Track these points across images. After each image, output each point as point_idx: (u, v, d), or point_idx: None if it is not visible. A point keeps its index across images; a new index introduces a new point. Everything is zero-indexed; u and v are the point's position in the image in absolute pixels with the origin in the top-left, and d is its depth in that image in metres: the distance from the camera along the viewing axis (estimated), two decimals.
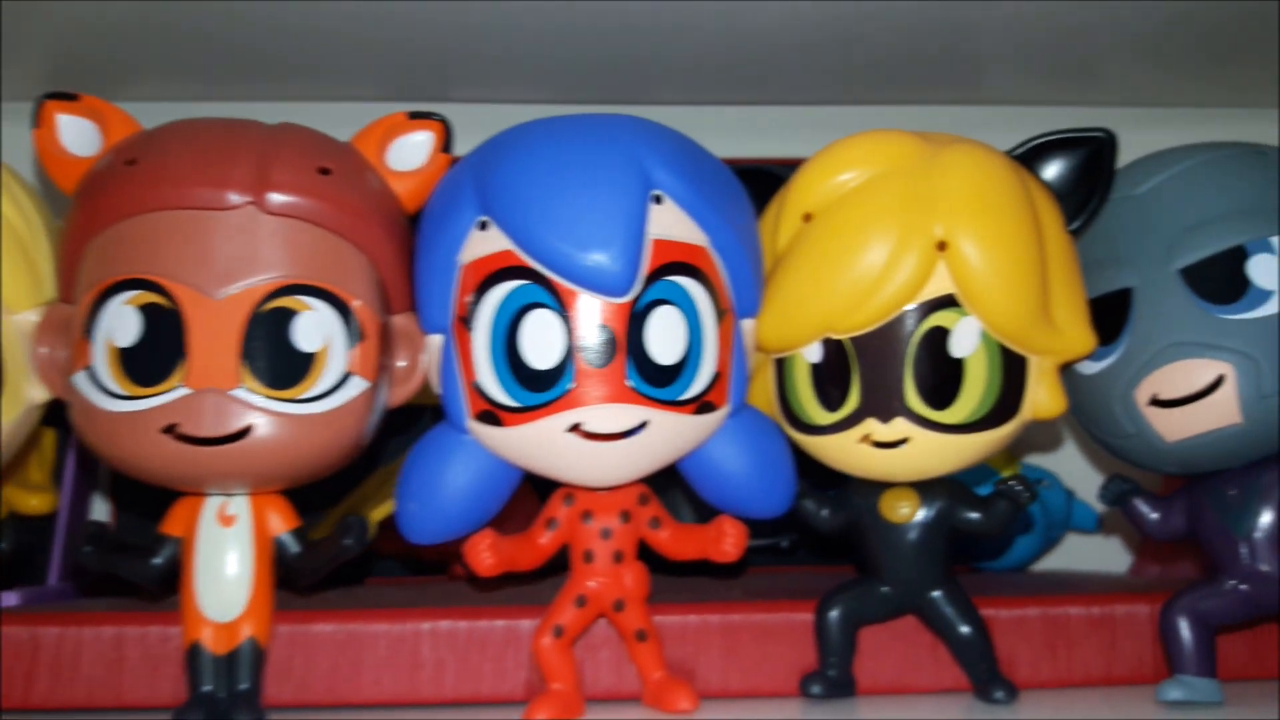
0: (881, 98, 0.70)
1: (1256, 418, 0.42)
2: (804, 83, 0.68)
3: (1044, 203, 0.44)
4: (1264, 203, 0.43)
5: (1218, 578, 0.44)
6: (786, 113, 0.72)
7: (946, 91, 0.72)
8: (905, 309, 0.42)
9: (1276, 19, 0.59)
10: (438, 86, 0.67)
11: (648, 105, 0.62)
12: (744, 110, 0.72)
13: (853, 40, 0.62)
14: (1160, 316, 0.44)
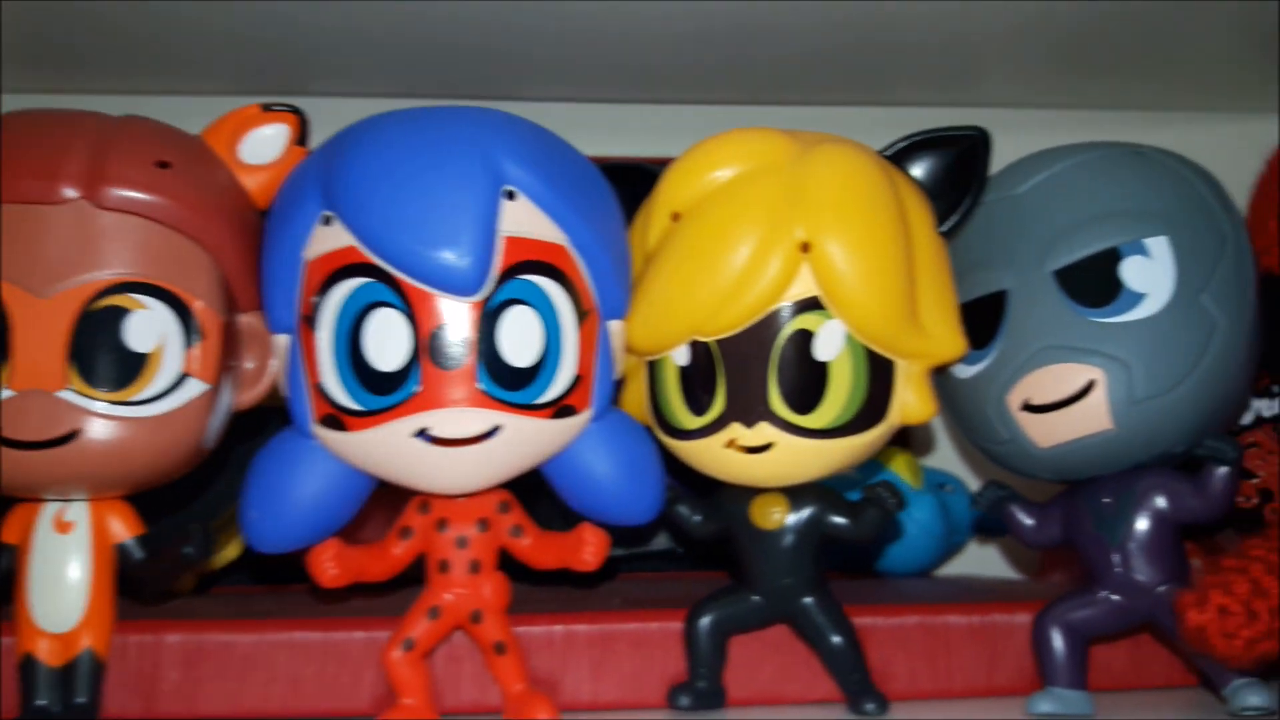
0: (785, 98, 0.69)
1: (1128, 424, 0.41)
2: (691, 81, 0.66)
3: (914, 203, 0.43)
4: (1140, 204, 0.42)
5: (1091, 587, 0.43)
6: (682, 112, 0.70)
7: (851, 93, 0.71)
8: (770, 311, 0.41)
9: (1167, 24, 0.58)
10: (297, 80, 0.65)
11: (526, 102, 0.60)
12: (639, 109, 0.70)
13: (757, 40, 0.61)
14: (1033, 320, 0.43)
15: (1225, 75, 0.64)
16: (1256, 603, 0.37)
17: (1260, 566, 0.38)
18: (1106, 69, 0.64)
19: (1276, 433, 0.49)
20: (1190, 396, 0.41)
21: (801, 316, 0.41)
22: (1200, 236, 0.42)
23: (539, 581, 0.46)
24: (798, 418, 0.41)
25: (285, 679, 0.43)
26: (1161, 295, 0.41)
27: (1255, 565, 0.38)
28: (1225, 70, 0.64)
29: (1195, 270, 0.41)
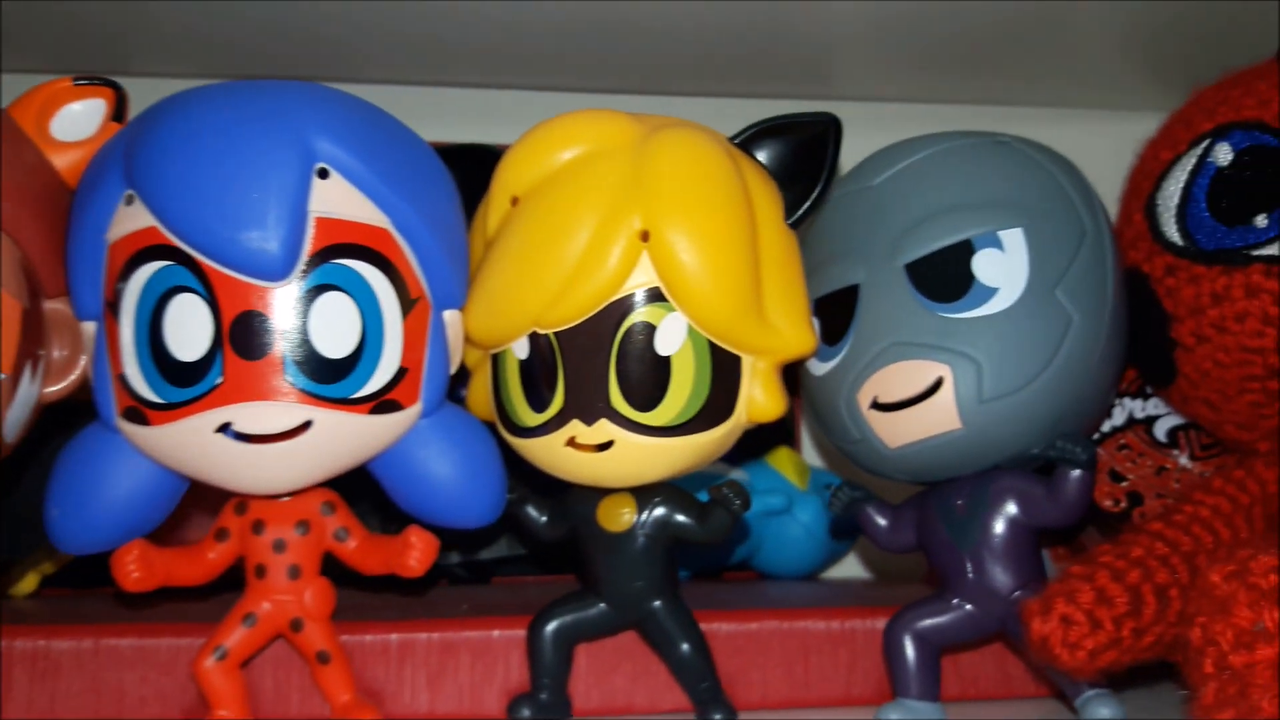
0: (646, 88, 0.66)
1: (977, 423, 0.39)
2: (557, 69, 0.64)
3: (762, 193, 0.41)
4: (995, 195, 0.41)
5: (944, 594, 0.41)
6: (549, 99, 0.67)
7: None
8: (610, 302, 0.39)
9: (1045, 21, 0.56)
10: (117, 59, 0.61)
11: (370, 85, 0.57)
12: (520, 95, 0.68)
13: (619, 32, 0.59)
14: (883, 315, 0.41)
15: (1103, 72, 0.63)
16: (1100, 611, 0.36)
17: (1106, 574, 0.36)
18: (981, 64, 0.63)
19: (1149, 435, 0.47)
20: (1043, 395, 0.39)
21: (643, 309, 0.39)
22: (1057, 229, 0.40)
23: None
24: (639, 415, 0.39)
25: (107, 687, 0.41)
26: (1014, 290, 0.39)
27: (1101, 572, 0.37)
28: (1103, 67, 0.62)
29: (1050, 264, 0.40)
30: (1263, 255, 0.39)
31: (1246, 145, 0.41)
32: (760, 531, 0.61)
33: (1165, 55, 0.59)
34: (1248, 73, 0.43)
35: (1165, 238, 0.42)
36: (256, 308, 0.36)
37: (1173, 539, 0.38)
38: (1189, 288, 0.41)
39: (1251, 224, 0.40)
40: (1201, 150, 0.42)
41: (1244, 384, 0.41)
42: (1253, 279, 0.39)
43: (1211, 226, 0.41)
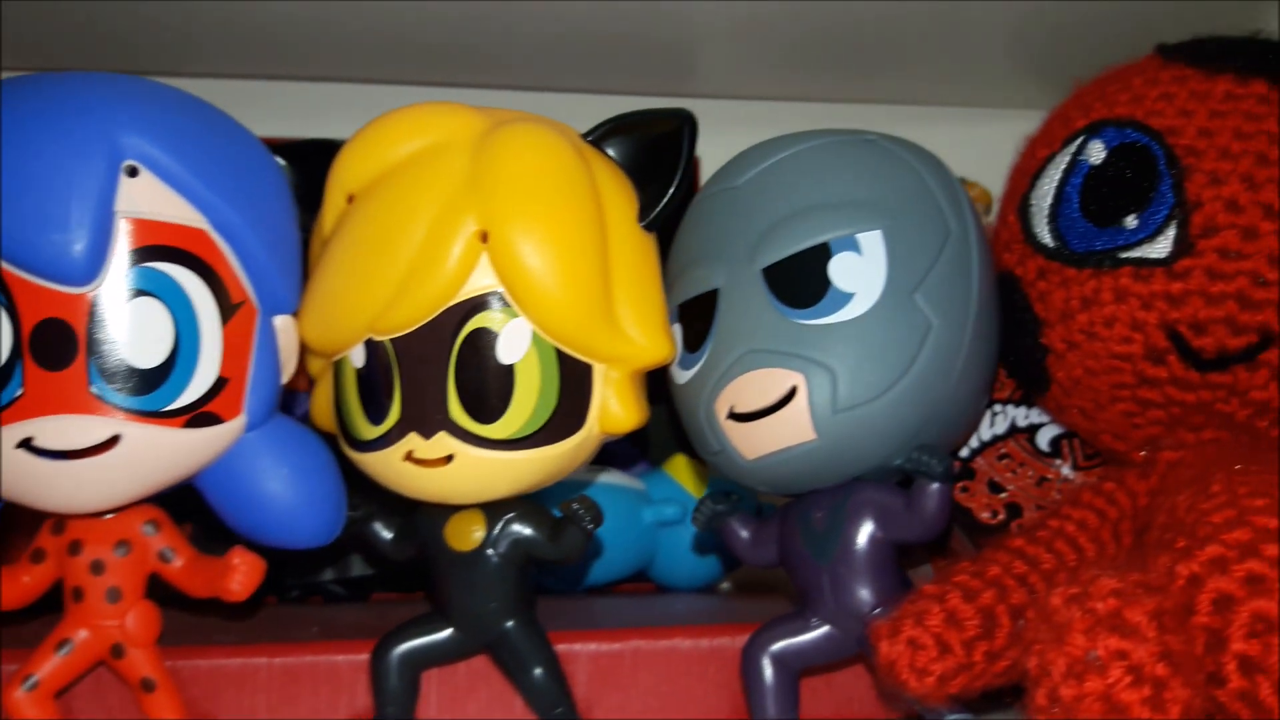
0: (512, 83, 0.65)
1: (833, 434, 0.37)
2: (421, 63, 0.62)
3: (614, 192, 0.39)
4: (856, 196, 0.39)
5: (802, 613, 0.39)
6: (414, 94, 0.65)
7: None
8: (447, 307, 0.37)
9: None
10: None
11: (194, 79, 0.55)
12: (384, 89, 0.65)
13: (484, 24, 0.57)
14: (740, 321, 0.39)
15: (988, 70, 0.62)
16: (950, 635, 0.34)
17: (958, 594, 0.35)
18: (864, 62, 0.61)
19: (1031, 444, 0.46)
20: (901, 404, 0.37)
21: (482, 314, 0.37)
22: (919, 232, 0.39)
23: None
24: (480, 427, 0.37)
25: None
26: (871, 295, 0.38)
27: (953, 593, 0.35)
28: (987, 65, 0.61)
29: (910, 268, 0.38)
30: (1131, 258, 0.38)
31: (1119, 143, 0.39)
32: (656, 542, 0.59)
33: (1054, 52, 0.58)
34: (1126, 68, 0.42)
35: (1037, 239, 0.40)
36: (59, 315, 0.34)
37: (1033, 556, 0.36)
38: (1059, 291, 0.39)
39: (1121, 225, 0.38)
40: (1075, 148, 0.40)
41: (1115, 392, 0.39)
42: (1121, 282, 0.38)
43: (1083, 227, 0.39)
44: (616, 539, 0.57)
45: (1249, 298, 0.36)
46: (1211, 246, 0.37)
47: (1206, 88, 0.39)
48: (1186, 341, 0.37)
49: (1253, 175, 0.37)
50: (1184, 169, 0.37)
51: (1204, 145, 0.37)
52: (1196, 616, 0.29)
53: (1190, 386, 0.37)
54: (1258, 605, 0.28)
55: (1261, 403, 0.37)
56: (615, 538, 0.57)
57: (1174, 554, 0.30)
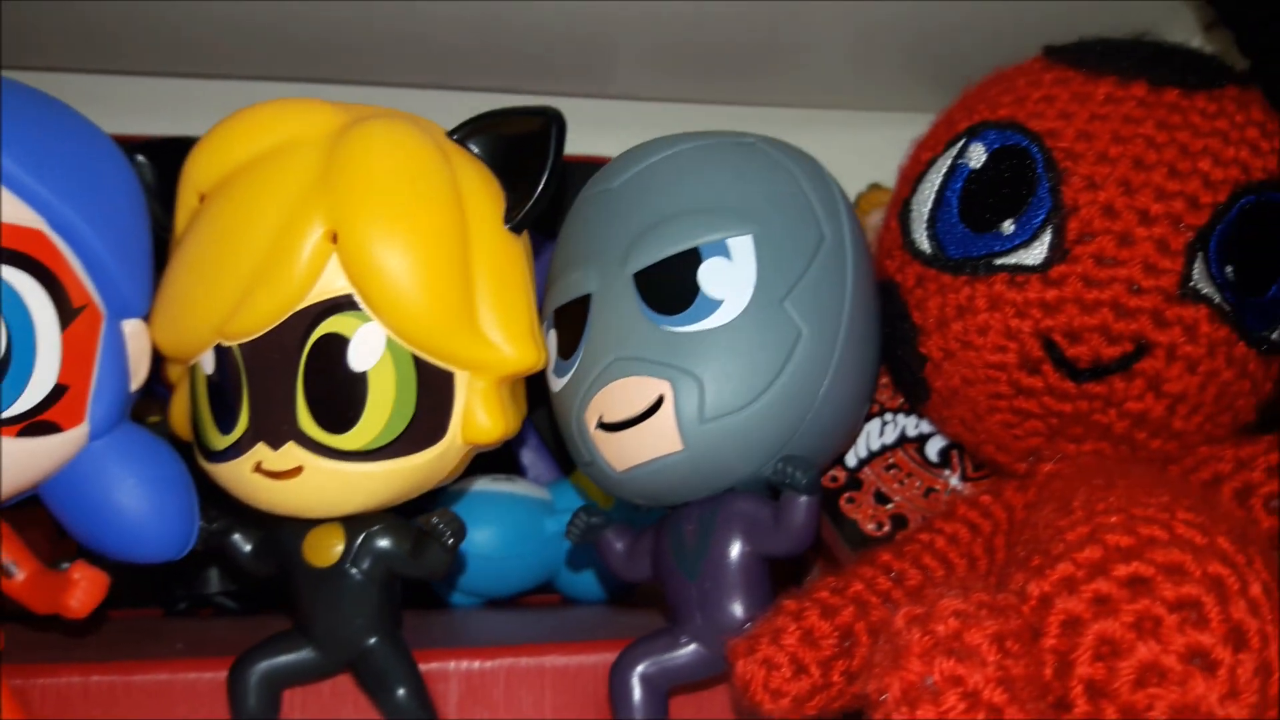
0: (420, 82, 0.63)
1: (700, 444, 0.36)
2: (327, 63, 0.60)
3: (479, 193, 0.37)
4: (728, 201, 0.38)
5: (672, 630, 0.38)
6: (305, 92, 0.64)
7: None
8: (295, 311, 0.35)
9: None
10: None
11: None
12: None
13: (395, 23, 0.56)
14: (611, 328, 0.38)
15: (891, 75, 0.61)
16: (806, 654, 0.33)
17: (817, 611, 0.33)
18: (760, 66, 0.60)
19: (920, 454, 0.45)
20: (769, 413, 0.36)
21: (333, 318, 0.35)
22: (791, 237, 0.37)
23: None
24: (330, 437, 0.36)
25: None
26: (739, 301, 0.36)
27: (812, 610, 0.34)
28: (889, 70, 0.60)
29: (780, 274, 0.37)
30: (1006, 264, 0.37)
31: (999, 146, 0.38)
32: (561, 553, 0.57)
33: (954, 55, 0.57)
34: (1012, 70, 0.41)
35: (915, 245, 0.39)
36: None
37: (899, 571, 0.35)
38: (936, 299, 0.38)
39: (998, 230, 0.37)
40: (956, 151, 0.39)
41: (992, 402, 0.38)
42: (995, 289, 0.37)
43: (960, 233, 0.38)
44: (520, 550, 0.56)
45: (1124, 305, 0.35)
46: (1087, 253, 0.36)
47: (1088, 90, 0.38)
48: (1061, 350, 0.36)
49: (1129, 179, 0.36)
50: (1061, 172, 0.36)
51: (1083, 148, 0.36)
52: (1045, 638, 0.28)
53: (1066, 397, 0.36)
54: (1104, 627, 0.27)
55: (1139, 414, 0.36)
56: (518, 548, 0.56)
57: (1028, 572, 0.29)
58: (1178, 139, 0.36)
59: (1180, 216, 0.35)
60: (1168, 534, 0.28)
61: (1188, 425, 0.37)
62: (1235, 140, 0.37)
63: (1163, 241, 0.35)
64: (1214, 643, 0.26)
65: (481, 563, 0.55)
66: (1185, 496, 0.30)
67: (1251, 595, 0.27)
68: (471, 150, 0.38)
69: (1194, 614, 0.26)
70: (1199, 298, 0.35)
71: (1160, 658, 0.26)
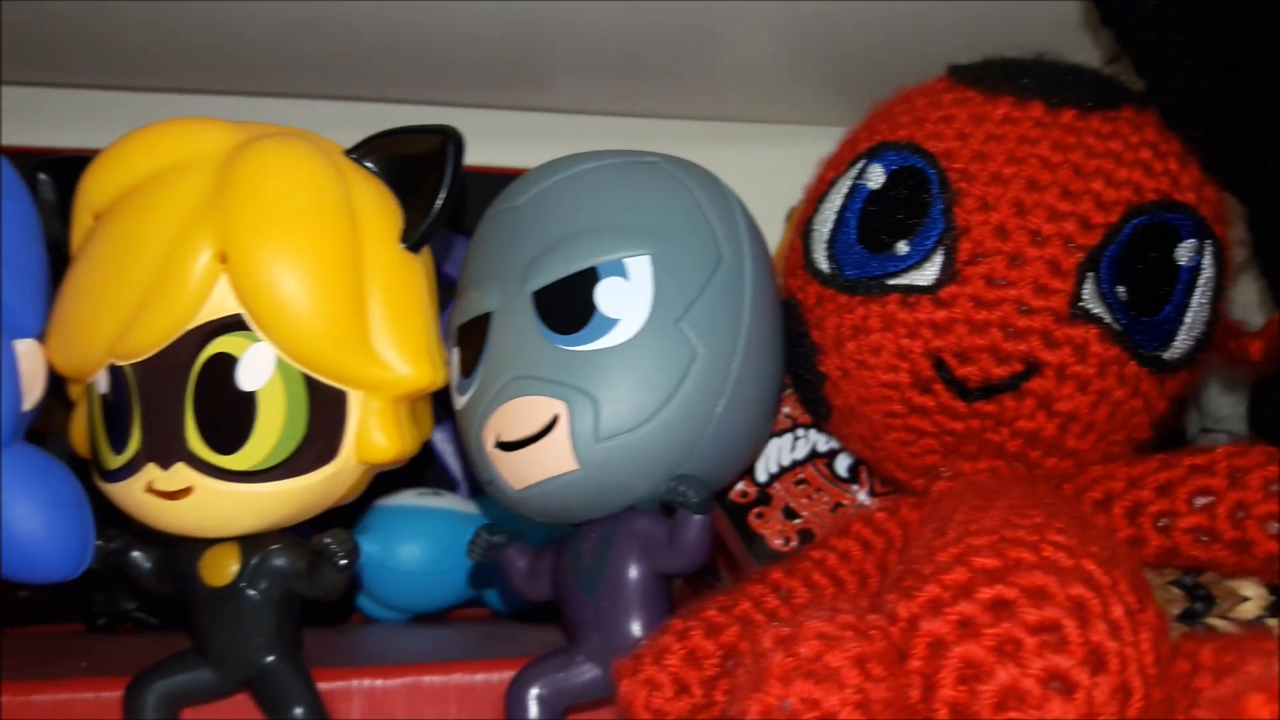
0: (347, 94, 0.63)
1: (595, 464, 0.36)
2: (246, 74, 0.60)
3: (374, 212, 0.37)
4: (628, 221, 0.38)
5: (569, 649, 0.38)
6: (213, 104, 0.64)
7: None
8: (185, 331, 0.35)
9: None
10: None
11: None
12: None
13: (320, 34, 0.55)
14: (509, 346, 0.37)
15: (799, 90, 0.61)
16: (688, 674, 0.33)
17: (702, 630, 0.33)
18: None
19: (830, 469, 0.45)
20: (664, 432, 0.36)
21: (222, 338, 0.35)
22: (689, 257, 0.37)
23: None
24: (219, 458, 0.35)
25: None
26: (636, 321, 0.36)
27: (697, 629, 0.34)
28: (800, 85, 0.60)
29: (676, 294, 0.37)
30: (899, 284, 0.37)
31: (897, 167, 0.38)
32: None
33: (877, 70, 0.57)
34: (915, 90, 0.41)
35: (815, 265, 0.40)
36: None
37: (788, 589, 0.35)
38: (833, 318, 0.39)
39: (893, 251, 0.37)
40: (856, 172, 0.39)
41: (888, 420, 0.38)
42: (888, 309, 0.37)
43: (858, 253, 0.38)
44: (447, 565, 0.55)
45: (1013, 326, 0.35)
46: (978, 273, 0.36)
47: (986, 110, 0.38)
48: (951, 370, 0.36)
49: (1022, 200, 0.36)
50: (955, 194, 0.36)
51: (977, 169, 0.37)
52: (912, 660, 0.28)
53: (958, 416, 0.37)
54: (966, 650, 0.27)
55: (1031, 433, 0.36)
56: (446, 564, 0.55)
57: (898, 593, 0.29)
58: (1072, 160, 0.36)
59: (1072, 237, 0.36)
60: (1035, 556, 0.28)
61: (1081, 444, 0.37)
62: (1129, 161, 0.37)
63: (1054, 262, 0.35)
64: (1071, 665, 0.26)
65: (408, 578, 0.55)
66: (1059, 517, 0.31)
67: (1112, 618, 0.27)
68: (369, 169, 0.38)
69: (1054, 637, 0.26)
70: (1089, 318, 0.35)
71: (1019, 681, 0.26)
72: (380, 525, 0.55)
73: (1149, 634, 0.27)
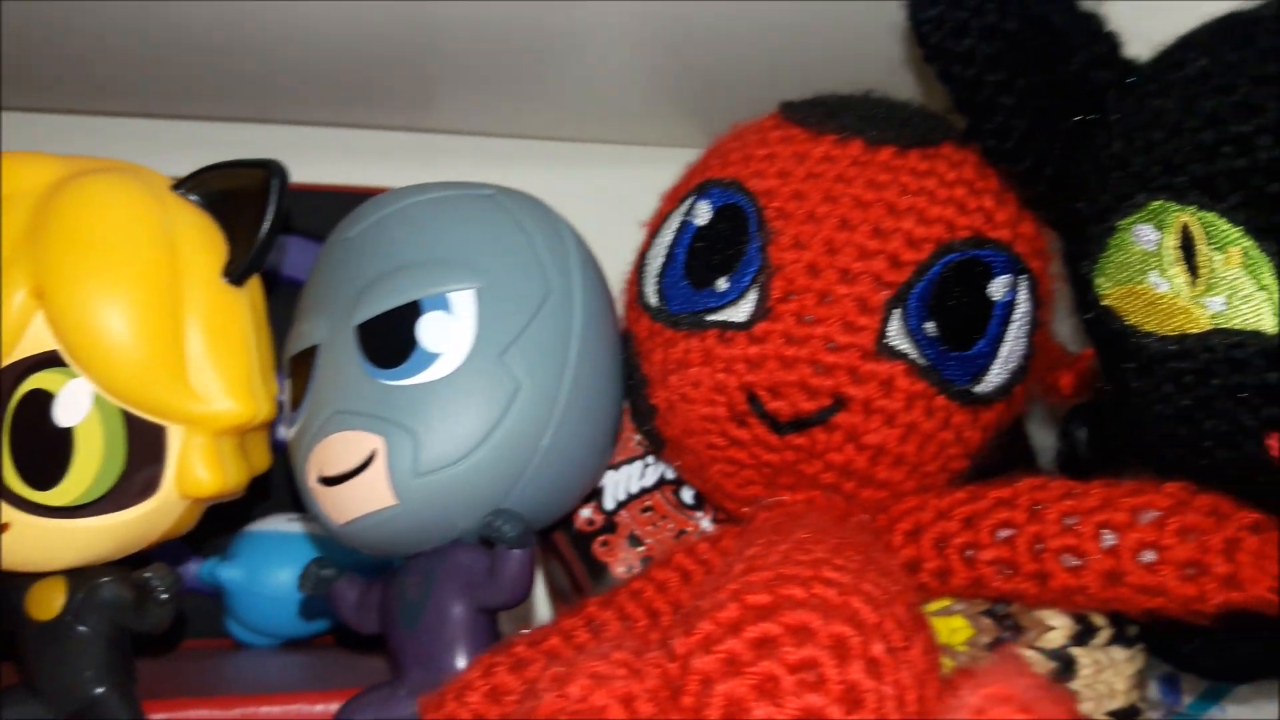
0: (235, 115, 0.63)
1: (415, 499, 0.36)
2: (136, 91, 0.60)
3: (197, 246, 0.37)
4: (455, 254, 0.38)
5: (392, 683, 0.38)
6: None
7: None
8: (1, 368, 0.35)
9: None
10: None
11: None
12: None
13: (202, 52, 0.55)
14: (332, 380, 0.38)
15: (655, 110, 0.61)
16: (490, 710, 0.33)
17: (507, 664, 0.34)
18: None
19: (677, 496, 0.45)
20: (486, 467, 0.37)
21: (38, 374, 0.35)
22: (516, 291, 0.38)
23: None
24: (36, 494, 0.36)
25: None
26: (458, 355, 0.37)
27: (502, 665, 0.34)
28: (655, 105, 0.60)
29: (501, 328, 0.37)
30: (716, 320, 0.38)
31: (721, 204, 0.39)
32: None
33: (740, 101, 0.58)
34: (746, 126, 0.42)
35: (645, 298, 0.40)
36: None
37: (601, 622, 0.36)
38: (660, 352, 0.39)
39: (713, 287, 0.38)
40: (686, 208, 0.40)
41: (710, 452, 0.39)
42: (707, 344, 0.38)
43: (683, 288, 0.39)
44: None
45: (821, 362, 0.36)
46: (789, 311, 0.36)
47: (808, 149, 0.39)
48: (763, 404, 0.37)
49: (834, 240, 0.37)
50: (770, 232, 0.37)
51: (794, 208, 0.37)
52: (684, 697, 0.28)
53: (772, 448, 0.37)
54: (730, 688, 0.27)
55: (842, 465, 0.37)
56: None
57: (681, 628, 0.30)
58: (885, 198, 0.37)
59: (880, 275, 0.36)
60: (805, 593, 0.29)
61: (893, 475, 0.38)
62: (942, 199, 0.38)
63: (861, 300, 0.36)
64: (826, 704, 0.27)
65: (275, 604, 0.55)
66: (842, 552, 0.31)
67: (871, 656, 0.28)
68: (195, 202, 0.38)
69: (812, 675, 0.27)
70: (895, 354, 0.36)
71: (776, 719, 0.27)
72: (248, 550, 0.55)
73: (910, 672, 0.28)
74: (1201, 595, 0.33)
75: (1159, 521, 0.33)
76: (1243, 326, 0.32)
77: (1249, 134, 0.32)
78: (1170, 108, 0.34)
